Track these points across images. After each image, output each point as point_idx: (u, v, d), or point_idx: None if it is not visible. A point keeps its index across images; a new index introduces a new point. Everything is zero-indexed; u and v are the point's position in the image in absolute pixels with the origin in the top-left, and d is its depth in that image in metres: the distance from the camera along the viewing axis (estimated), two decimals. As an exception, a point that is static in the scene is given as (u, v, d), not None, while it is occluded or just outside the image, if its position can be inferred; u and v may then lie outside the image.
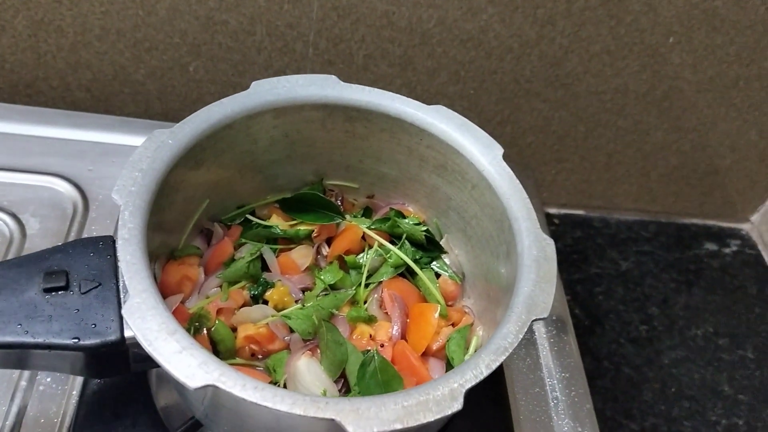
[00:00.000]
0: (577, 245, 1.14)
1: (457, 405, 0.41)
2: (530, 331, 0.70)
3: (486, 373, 0.43)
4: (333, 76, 0.58)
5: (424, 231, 0.61)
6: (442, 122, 0.57)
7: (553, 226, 1.16)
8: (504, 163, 0.55)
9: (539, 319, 0.46)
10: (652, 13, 0.89)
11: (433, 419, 0.40)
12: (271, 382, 0.52)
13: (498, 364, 0.44)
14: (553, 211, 1.17)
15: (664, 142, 1.06)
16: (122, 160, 0.75)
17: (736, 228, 1.23)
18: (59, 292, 0.46)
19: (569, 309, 1.05)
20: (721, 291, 1.13)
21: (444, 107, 0.58)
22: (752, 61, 0.96)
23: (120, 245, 0.44)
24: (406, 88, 0.95)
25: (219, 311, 0.53)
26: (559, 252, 1.13)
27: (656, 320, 1.06)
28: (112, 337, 0.45)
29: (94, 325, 0.45)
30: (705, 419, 0.97)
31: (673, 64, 0.95)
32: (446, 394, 0.42)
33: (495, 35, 0.89)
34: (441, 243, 0.62)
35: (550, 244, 0.51)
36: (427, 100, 0.97)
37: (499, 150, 0.56)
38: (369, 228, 0.61)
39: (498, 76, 0.94)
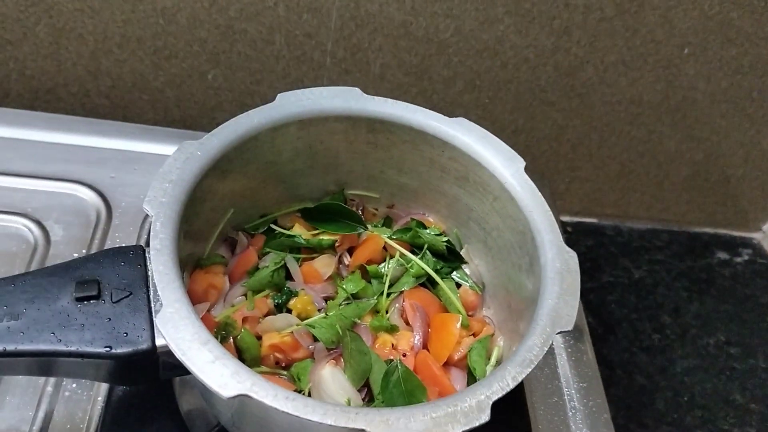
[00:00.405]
0: (589, 253, 1.14)
1: (485, 417, 0.42)
2: (547, 340, 0.70)
3: (512, 385, 0.44)
4: (356, 88, 0.59)
5: (445, 241, 0.61)
6: (464, 134, 0.58)
7: (566, 234, 1.16)
8: (526, 176, 0.55)
9: (563, 331, 0.47)
10: (668, 24, 0.89)
11: (461, 430, 0.41)
12: (295, 390, 0.52)
13: (524, 375, 0.44)
14: (566, 219, 1.18)
15: (677, 152, 1.07)
16: (144, 168, 0.76)
17: (748, 237, 1.24)
18: (91, 301, 0.46)
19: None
20: (733, 300, 1.13)
21: (466, 120, 0.59)
22: (766, 73, 0.97)
23: (153, 255, 0.45)
24: (422, 97, 0.96)
25: (244, 320, 0.54)
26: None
27: (668, 329, 1.07)
28: (144, 345, 0.45)
29: (126, 333, 0.46)
30: (717, 428, 0.97)
31: (687, 74, 0.96)
32: (473, 406, 0.42)
33: (511, 45, 0.90)
34: (462, 253, 0.63)
35: (573, 257, 0.51)
36: (443, 108, 0.98)
37: (521, 163, 0.56)
38: (390, 238, 0.62)
39: (513, 86, 0.95)
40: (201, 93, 0.93)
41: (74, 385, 0.59)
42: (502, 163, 0.56)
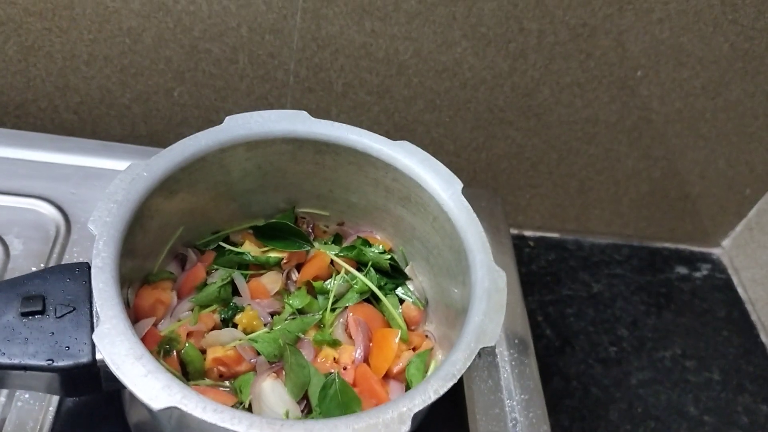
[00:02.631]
0: (550, 267, 1.17)
1: (405, 428, 0.44)
2: (492, 354, 0.73)
3: (434, 398, 0.46)
4: (304, 111, 0.61)
5: (389, 259, 0.64)
6: (405, 157, 0.60)
7: (528, 248, 1.19)
8: (462, 198, 0.58)
9: (487, 347, 0.49)
10: (621, 48, 0.93)
11: (381, 441, 0.43)
12: (237, 403, 0.55)
13: (446, 389, 0.47)
14: (528, 233, 1.21)
15: (635, 170, 1.10)
16: (104, 184, 0.77)
17: (708, 252, 1.27)
18: (36, 316, 0.49)
19: (541, 329, 1.09)
20: (690, 314, 1.16)
21: (408, 143, 0.61)
22: (718, 94, 1.00)
23: (94, 273, 0.47)
24: (385, 115, 0.99)
25: (189, 334, 0.56)
26: (533, 274, 1.17)
27: (625, 342, 1.10)
28: (84, 359, 0.47)
29: (68, 347, 0.48)
30: (670, 439, 1.00)
31: (641, 96, 0.99)
32: (395, 418, 0.44)
33: (469, 67, 0.93)
34: (406, 270, 0.65)
35: (501, 276, 0.54)
36: (405, 127, 1.01)
37: (459, 185, 0.59)
38: (337, 255, 0.64)
39: (473, 105, 0.98)
40: (167, 109, 0.95)
41: (27, 396, 0.60)
42: (440, 185, 0.59)
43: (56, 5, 0.83)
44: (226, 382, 0.57)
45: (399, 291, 0.65)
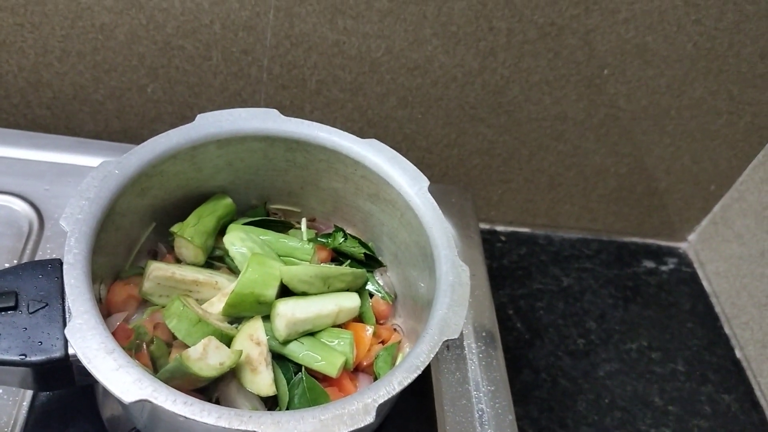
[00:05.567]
0: (522, 261, 1.19)
1: (370, 418, 0.46)
2: (460, 347, 0.75)
3: (398, 389, 0.48)
4: (274, 110, 0.62)
5: (364, 251, 0.65)
6: (374, 155, 0.62)
7: (500, 243, 1.21)
8: (429, 195, 0.60)
9: (450, 339, 0.51)
10: (587, 47, 0.95)
11: (347, 431, 0.45)
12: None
13: (410, 381, 0.48)
14: (500, 228, 1.23)
15: (603, 166, 1.13)
16: (78, 181, 0.78)
17: (674, 247, 1.30)
18: (8, 312, 0.49)
19: (511, 323, 1.11)
20: (657, 307, 1.19)
21: (377, 141, 0.63)
22: (682, 93, 1.03)
23: (65, 269, 0.48)
24: (358, 112, 1.00)
25: (156, 326, 0.57)
26: (505, 268, 1.19)
27: (593, 334, 1.12)
28: (57, 354, 0.48)
29: (41, 342, 0.49)
30: (635, 428, 1.02)
31: (608, 93, 1.01)
32: (360, 409, 0.46)
33: (440, 65, 0.94)
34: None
35: (465, 271, 0.55)
36: (378, 124, 1.02)
37: (425, 182, 0.60)
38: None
39: (444, 102, 1.00)
40: (141, 105, 0.96)
41: (0, 391, 0.61)
42: (407, 182, 0.61)
43: (28, 0, 0.83)
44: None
45: (369, 286, 0.66)
